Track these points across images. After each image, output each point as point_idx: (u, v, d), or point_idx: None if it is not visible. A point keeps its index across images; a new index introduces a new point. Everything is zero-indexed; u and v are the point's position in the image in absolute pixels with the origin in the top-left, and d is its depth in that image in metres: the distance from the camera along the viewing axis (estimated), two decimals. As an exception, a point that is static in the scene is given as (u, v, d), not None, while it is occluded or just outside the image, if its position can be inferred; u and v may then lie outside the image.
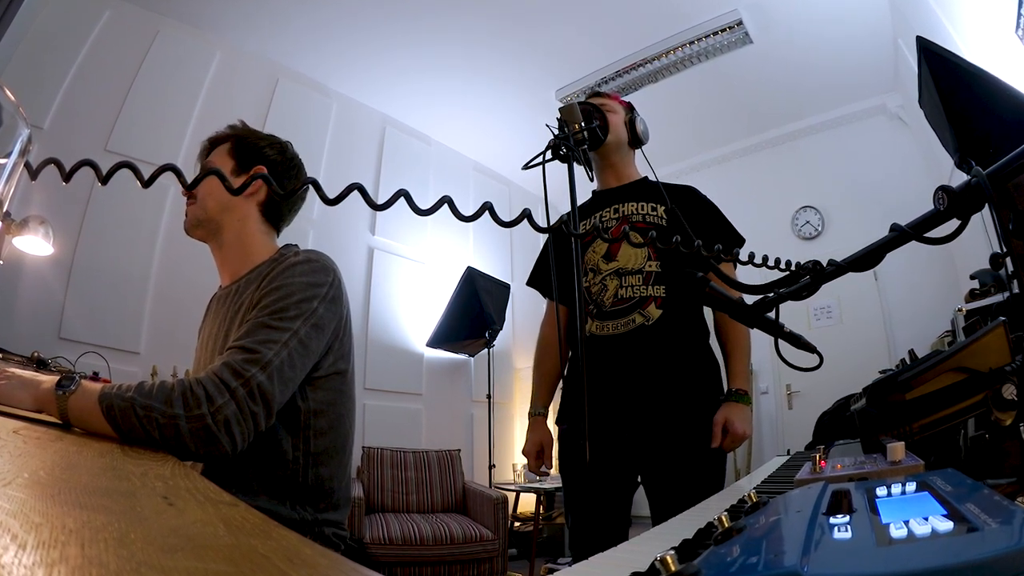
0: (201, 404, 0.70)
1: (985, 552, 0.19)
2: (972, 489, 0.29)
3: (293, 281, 0.85)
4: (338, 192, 0.37)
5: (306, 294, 0.84)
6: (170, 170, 0.35)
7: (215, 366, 0.75)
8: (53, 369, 2.03)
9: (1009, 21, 1.79)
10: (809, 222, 4.09)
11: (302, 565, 0.23)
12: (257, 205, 1.01)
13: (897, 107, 3.65)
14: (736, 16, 3.11)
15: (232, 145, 1.01)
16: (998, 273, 2.29)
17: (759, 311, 0.59)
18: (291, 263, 0.88)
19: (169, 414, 0.68)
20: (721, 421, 1.18)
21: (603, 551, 0.48)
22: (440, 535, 2.54)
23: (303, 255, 0.91)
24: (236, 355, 0.76)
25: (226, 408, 0.71)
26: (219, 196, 0.97)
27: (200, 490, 0.42)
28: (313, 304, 0.84)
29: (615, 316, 1.27)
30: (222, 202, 0.97)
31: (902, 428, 0.67)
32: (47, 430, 0.65)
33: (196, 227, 0.99)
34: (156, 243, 2.80)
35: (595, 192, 1.44)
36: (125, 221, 2.72)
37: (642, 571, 0.35)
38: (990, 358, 0.65)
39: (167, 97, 2.96)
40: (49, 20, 2.60)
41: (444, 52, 3.41)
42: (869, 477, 0.49)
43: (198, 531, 0.28)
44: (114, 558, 0.20)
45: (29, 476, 0.36)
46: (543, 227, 0.45)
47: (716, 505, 0.71)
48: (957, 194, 0.43)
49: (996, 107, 1.39)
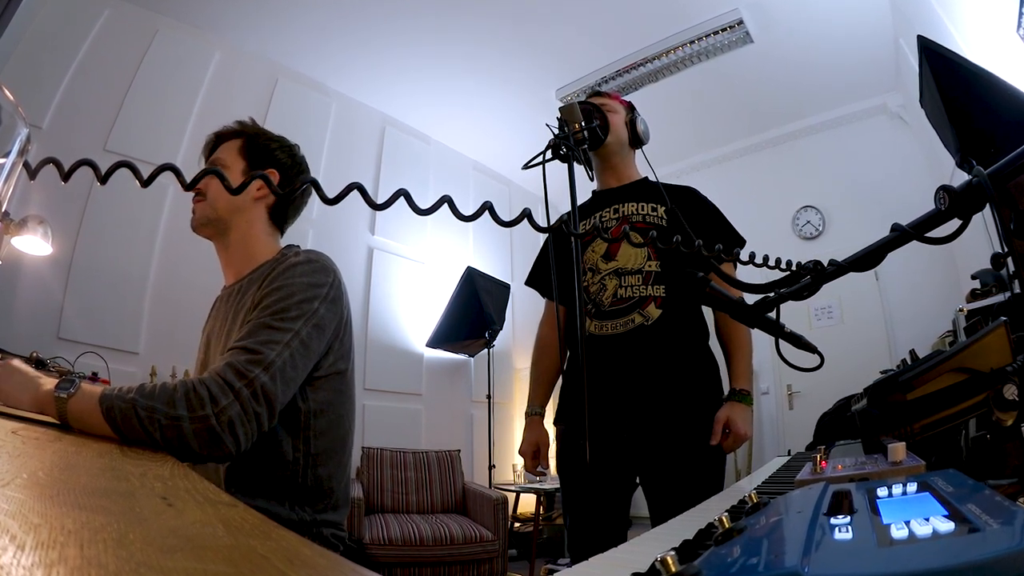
0: (205, 405, 0.69)
1: (986, 553, 0.19)
2: (973, 490, 0.29)
3: (294, 281, 0.85)
4: (338, 192, 0.37)
5: (307, 294, 0.85)
6: (169, 170, 0.35)
7: (218, 367, 0.74)
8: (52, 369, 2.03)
9: (1010, 20, 1.78)
10: (810, 222, 4.09)
11: (301, 566, 0.23)
12: (266, 208, 1.02)
13: (898, 106, 3.66)
14: (737, 15, 3.12)
15: (243, 144, 1.01)
16: (999, 273, 2.30)
17: (760, 311, 0.59)
18: (291, 263, 0.88)
19: (172, 415, 0.68)
20: (723, 420, 1.18)
21: (601, 552, 0.48)
22: (440, 536, 2.54)
23: (303, 255, 0.91)
24: (239, 356, 0.76)
25: (230, 409, 0.71)
26: (230, 196, 0.96)
27: (199, 491, 0.42)
28: (314, 304, 0.85)
29: (614, 316, 1.27)
30: (233, 203, 0.97)
31: (903, 428, 0.67)
32: (45, 431, 0.65)
33: (204, 225, 0.99)
34: (155, 243, 2.80)
35: (595, 192, 1.44)
36: (124, 221, 2.72)
37: (642, 572, 0.35)
38: (991, 358, 0.64)
39: (166, 96, 2.96)
40: (48, 19, 2.60)
41: (444, 51, 3.41)
42: (870, 478, 0.49)
43: (197, 532, 0.28)
44: (113, 559, 0.20)
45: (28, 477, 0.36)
46: (543, 227, 0.45)
47: (716, 506, 0.71)
48: (958, 194, 0.43)
49: (997, 106, 1.39)
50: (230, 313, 0.93)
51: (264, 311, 0.82)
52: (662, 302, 1.25)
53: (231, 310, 0.93)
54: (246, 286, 0.93)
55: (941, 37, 2.07)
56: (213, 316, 1.05)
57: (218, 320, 0.99)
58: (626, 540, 0.55)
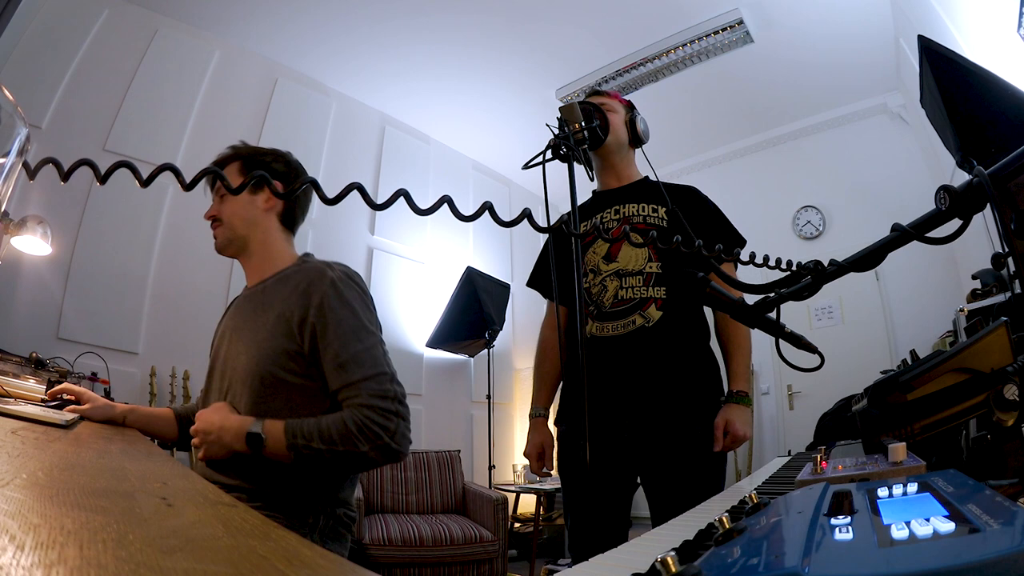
0: (381, 436, 0.87)
1: (987, 553, 0.19)
2: (974, 490, 0.29)
3: (351, 297, 0.98)
4: (337, 192, 0.37)
5: (365, 306, 1.00)
6: (169, 170, 0.35)
7: (366, 396, 0.89)
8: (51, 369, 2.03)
9: (1011, 20, 1.77)
10: (810, 222, 4.10)
11: (301, 566, 0.23)
12: (277, 216, 1.12)
13: (898, 106, 3.66)
14: (737, 15, 3.12)
15: (241, 164, 1.10)
16: (1000, 273, 2.30)
17: (760, 311, 0.59)
18: (333, 279, 0.98)
19: (358, 453, 0.86)
20: (722, 424, 1.19)
21: (602, 552, 0.48)
22: (440, 536, 2.54)
23: (338, 270, 1.01)
24: (372, 384, 0.90)
25: (397, 428, 0.89)
26: (243, 214, 1.08)
27: (199, 491, 0.42)
28: (372, 314, 1.01)
29: (615, 317, 1.27)
30: (247, 219, 1.08)
31: (903, 429, 0.67)
32: (46, 431, 0.66)
33: (227, 247, 1.10)
34: (155, 243, 2.80)
35: (595, 192, 1.44)
36: (123, 221, 2.73)
37: (643, 572, 0.35)
38: (992, 358, 0.65)
39: (166, 96, 2.96)
40: (47, 19, 2.60)
41: (443, 51, 3.42)
42: (870, 478, 0.49)
43: (197, 532, 0.28)
44: (113, 559, 0.20)
45: (28, 477, 0.36)
46: (543, 227, 0.45)
47: (717, 506, 0.71)
48: (959, 194, 0.43)
49: (998, 106, 1.39)
50: (256, 309, 1.03)
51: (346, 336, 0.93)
52: (663, 304, 1.25)
53: (255, 307, 1.04)
54: (271, 287, 1.04)
55: (941, 37, 2.07)
56: (231, 315, 1.12)
57: (237, 317, 1.07)
58: (627, 540, 0.55)
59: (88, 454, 0.59)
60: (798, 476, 0.58)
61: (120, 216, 2.71)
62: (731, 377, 1.27)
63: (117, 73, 2.82)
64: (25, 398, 1.24)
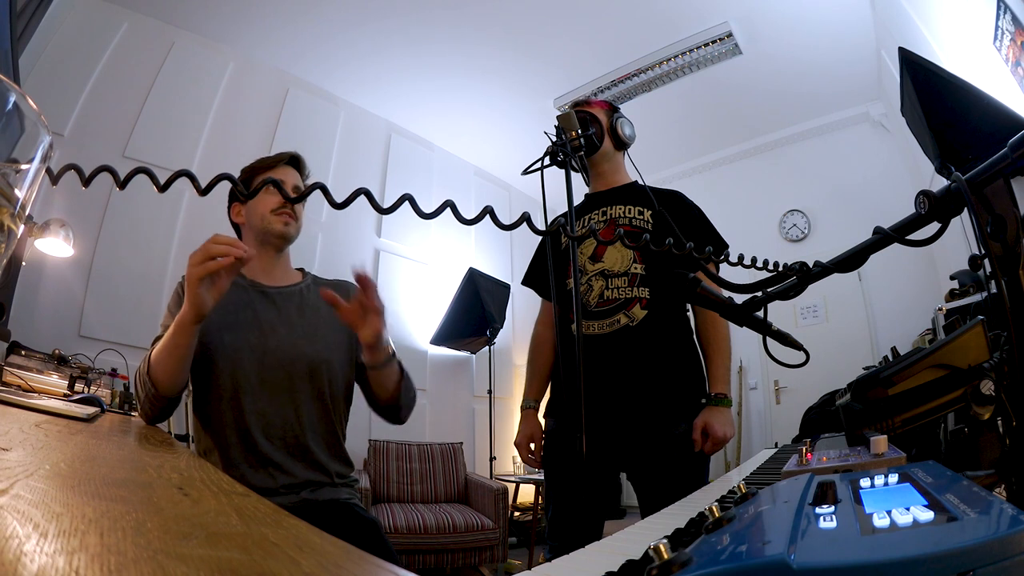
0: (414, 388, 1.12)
1: (965, 540, 0.19)
2: (952, 480, 0.30)
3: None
4: (345, 196, 0.38)
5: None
6: (185, 176, 0.36)
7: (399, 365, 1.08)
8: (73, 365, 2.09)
9: (987, 33, 1.80)
10: (796, 225, 4.15)
11: (312, 552, 0.23)
12: None
13: (880, 115, 3.72)
14: (726, 28, 3.19)
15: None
16: (977, 274, 2.36)
17: (748, 310, 0.60)
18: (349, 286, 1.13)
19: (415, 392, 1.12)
20: (700, 426, 1.18)
21: (580, 542, 0.49)
22: (443, 524, 2.59)
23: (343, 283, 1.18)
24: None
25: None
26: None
27: (214, 481, 0.43)
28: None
29: (600, 316, 1.27)
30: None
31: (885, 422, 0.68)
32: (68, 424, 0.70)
33: (290, 240, 1.17)
34: (172, 244, 2.86)
35: (586, 195, 1.45)
36: (142, 224, 2.79)
37: (636, 558, 0.36)
38: (969, 355, 0.65)
39: (182, 106, 3.02)
40: (70, 32, 2.67)
41: (447, 63, 3.47)
42: (853, 469, 0.50)
43: (212, 520, 0.28)
44: (131, 546, 0.20)
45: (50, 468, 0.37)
46: (542, 230, 0.47)
47: (707, 496, 0.73)
48: (938, 198, 0.44)
49: (975, 115, 1.44)
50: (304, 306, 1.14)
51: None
52: (647, 303, 1.25)
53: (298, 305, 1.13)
54: (305, 289, 1.17)
55: (921, 49, 2.11)
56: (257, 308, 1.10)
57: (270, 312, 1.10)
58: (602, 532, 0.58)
59: (108, 446, 0.61)
60: (784, 467, 0.58)
61: (139, 219, 2.76)
62: (710, 380, 1.26)
63: (136, 83, 2.88)
64: (48, 393, 1.28)
